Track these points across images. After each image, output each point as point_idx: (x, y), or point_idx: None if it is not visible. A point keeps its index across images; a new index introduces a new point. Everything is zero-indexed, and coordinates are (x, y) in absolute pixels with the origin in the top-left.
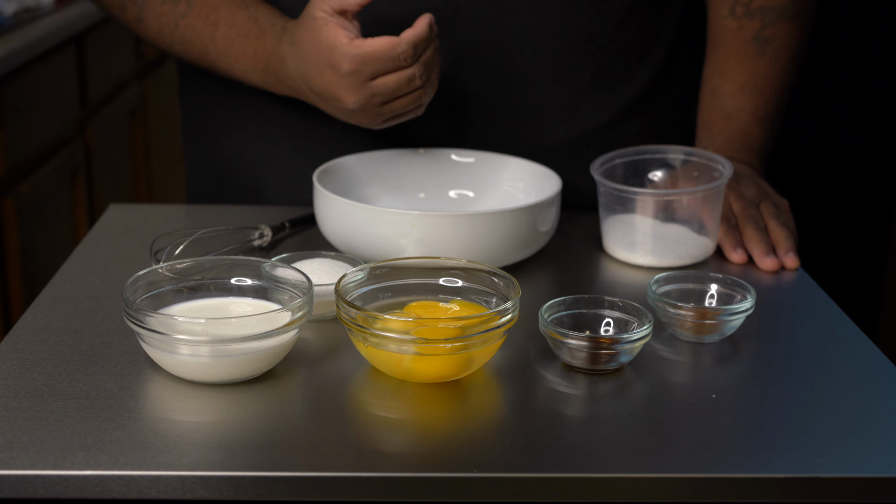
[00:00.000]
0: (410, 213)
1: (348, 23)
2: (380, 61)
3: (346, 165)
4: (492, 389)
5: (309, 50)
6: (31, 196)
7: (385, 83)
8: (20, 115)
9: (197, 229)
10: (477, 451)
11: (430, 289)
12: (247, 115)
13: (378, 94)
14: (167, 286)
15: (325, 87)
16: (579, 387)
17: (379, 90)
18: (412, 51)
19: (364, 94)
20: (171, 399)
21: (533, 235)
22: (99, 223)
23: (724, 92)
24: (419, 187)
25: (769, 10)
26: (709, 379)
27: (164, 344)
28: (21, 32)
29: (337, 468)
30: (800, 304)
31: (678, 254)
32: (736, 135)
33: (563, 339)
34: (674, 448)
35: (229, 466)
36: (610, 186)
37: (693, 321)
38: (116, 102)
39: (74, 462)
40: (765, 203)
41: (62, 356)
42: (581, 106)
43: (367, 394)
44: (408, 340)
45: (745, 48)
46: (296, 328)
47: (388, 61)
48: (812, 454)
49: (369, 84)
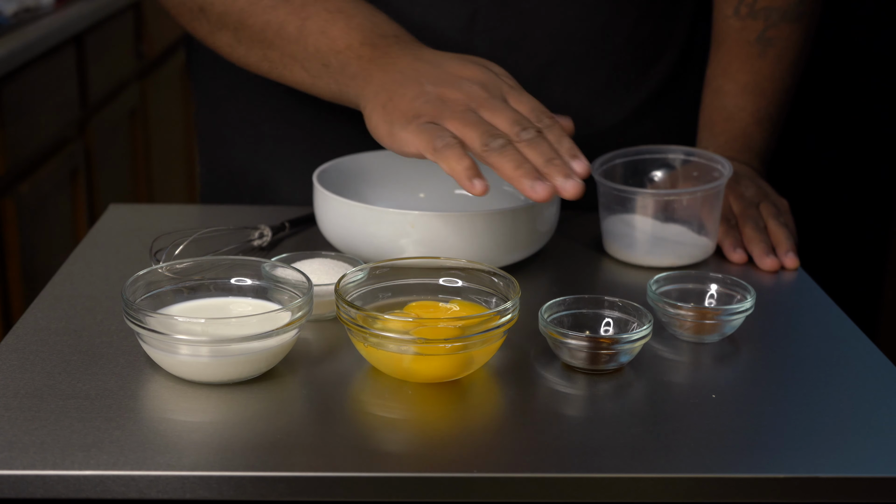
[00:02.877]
0: (410, 213)
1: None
2: (517, 91)
3: (346, 165)
4: (492, 389)
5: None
6: (31, 196)
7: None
8: (20, 115)
9: (197, 229)
10: (477, 451)
11: (429, 289)
12: (261, 116)
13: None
14: (167, 286)
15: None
16: (579, 387)
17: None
18: (535, 120)
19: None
20: (170, 399)
21: (533, 235)
22: (99, 223)
23: (727, 92)
24: (419, 187)
25: (773, 10)
26: (708, 379)
27: (163, 344)
28: (21, 32)
29: (337, 468)
30: (800, 304)
31: (678, 254)
32: (737, 135)
33: (563, 339)
34: (674, 448)
35: (229, 466)
36: (610, 186)
37: (693, 321)
38: (116, 102)
39: (74, 462)
40: (764, 203)
41: (62, 356)
42: (596, 106)
43: (366, 394)
44: (407, 340)
45: (748, 48)
46: (296, 328)
47: (522, 103)
48: (812, 454)
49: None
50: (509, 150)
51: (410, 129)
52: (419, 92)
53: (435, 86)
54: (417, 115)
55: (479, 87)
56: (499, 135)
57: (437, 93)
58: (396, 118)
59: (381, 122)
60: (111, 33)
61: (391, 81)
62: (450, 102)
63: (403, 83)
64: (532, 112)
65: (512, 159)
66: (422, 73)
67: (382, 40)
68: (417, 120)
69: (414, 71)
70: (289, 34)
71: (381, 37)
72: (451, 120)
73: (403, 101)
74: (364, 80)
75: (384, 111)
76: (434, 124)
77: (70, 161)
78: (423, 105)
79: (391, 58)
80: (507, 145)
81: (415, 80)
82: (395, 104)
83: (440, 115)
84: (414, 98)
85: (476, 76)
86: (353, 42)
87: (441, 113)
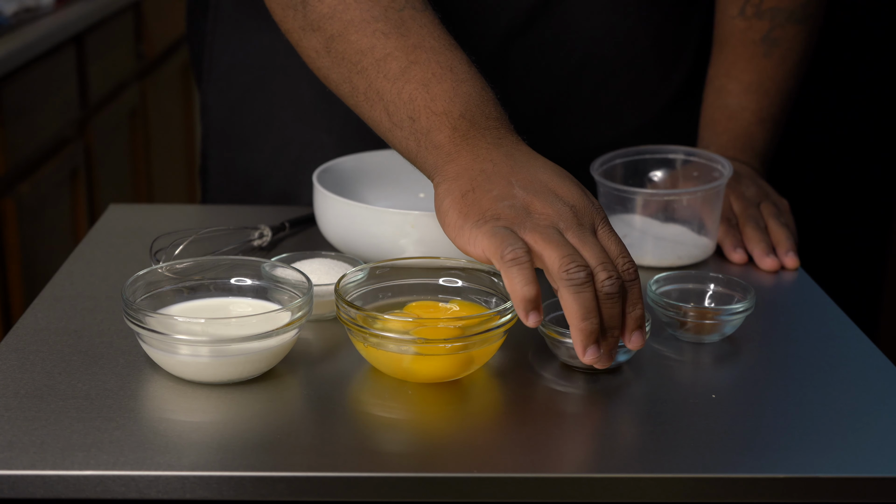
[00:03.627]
0: (410, 213)
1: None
2: (608, 229)
3: (346, 165)
4: (492, 389)
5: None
6: (31, 196)
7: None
8: (20, 115)
9: (197, 229)
10: (477, 451)
11: (429, 289)
12: (286, 118)
13: (570, 225)
14: (167, 286)
15: (546, 170)
16: (578, 386)
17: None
18: (621, 268)
19: (577, 201)
20: (170, 399)
21: None
22: (99, 223)
23: (730, 91)
24: (419, 187)
25: (779, 11)
26: (708, 379)
27: (163, 344)
28: (21, 32)
29: (337, 468)
30: (800, 304)
31: (678, 254)
32: (739, 134)
33: (562, 339)
34: (674, 448)
35: (229, 466)
36: (610, 186)
37: (693, 321)
38: (116, 102)
39: (74, 462)
40: (765, 203)
41: (62, 356)
42: (624, 108)
43: (366, 394)
44: (407, 340)
45: (752, 48)
46: (295, 328)
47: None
48: (812, 454)
49: (562, 215)
50: (587, 292)
51: (484, 229)
52: (506, 193)
53: (525, 192)
54: (496, 217)
55: (571, 209)
56: (584, 267)
57: (524, 200)
58: (473, 212)
59: (453, 210)
60: (111, 33)
61: (479, 171)
62: (535, 215)
63: (491, 178)
64: (620, 257)
65: (584, 305)
66: (514, 174)
67: (484, 121)
68: (495, 222)
69: (507, 168)
70: (388, 70)
71: (484, 117)
72: (532, 233)
73: (486, 198)
74: (448, 156)
75: (462, 201)
76: (510, 230)
77: (70, 161)
78: (505, 208)
79: (485, 144)
80: (587, 284)
81: (505, 179)
82: (476, 197)
83: (521, 224)
84: (498, 198)
85: (571, 197)
86: (452, 109)
87: (523, 222)
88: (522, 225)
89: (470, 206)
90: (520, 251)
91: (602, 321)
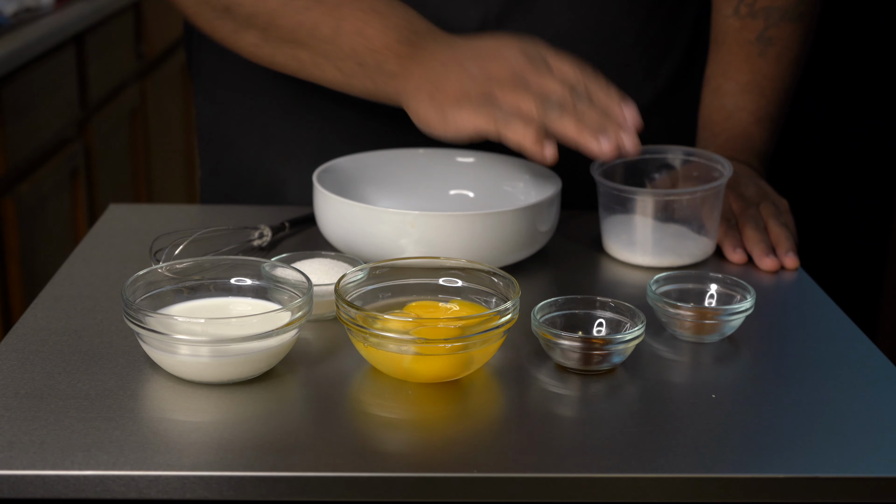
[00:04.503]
0: (410, 213)
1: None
2: (557, 55)
3: (346, 165)
4: (491, 389)
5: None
6: (31, 196)
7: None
8: (20, 115)
9: (197, 229)
10: (477, 451)
11: (429, 289)
12: (269, 116)
13: (527, 69)
14: (167, 286)
15: (484, 39)
16: (572, 387)
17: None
18: (581, 79)
19: (521, 47)
20: (170, 399)
21: (533, 235)
22: (99, 223)
23: (726, 91)
24: (419, 187)
25: (773, 10)
26: (708, 379)
27: (163, 344)
28: (21, 32)
29: (337, 468)
30: (800, 304)
31: (678, 254)
32: (737, 135)
33: (556, 340)
34: (674, 448)
35: (229, 466)
36: (610, 186)
37: (693, 321)
38: (116, 102)
39: (74, 462)
40: (764, 203)
41: (62, 356)
42: None
43: (366, 394)
44: (407, 340)
45: (748, 48)
46: (295, 328)
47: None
48: (812, 454)
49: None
50: (567, 113)
51: (465, 110)
52: (463, 73)
53: (477, 64)
54: (467, 95)
55: (521, 55)
56: (554, 100)
57: (481, 70)
58: (447, 103)
59: (430, 111)
60: (111, 33)
61: (432, 72)
62: (497, 76)
63: (445, 70)
64: (576, 71)
65: (572, 120)
66: (461, 57)
67: (418, 37)
68: (468, 99)
69: (453, 57)
70: (323, 35)
71: (416, 34)
72: (503, 93)
73: (450, 85)
74: (404, 77)
75: (432, 100)
76: (484, 99)
77: (70, 161)
78: (470, 84)
79: (428, 51)
80: (564, 108)
81: (456, 64)
82: (442, 91)
83: (490, 90)
84: (459, 80)
85: (514, 47)
86: (389, 41)
87: (491, 88)
88: (492, 90)
89: (441, 100)
90: (503, 110)
91: (596, 122)
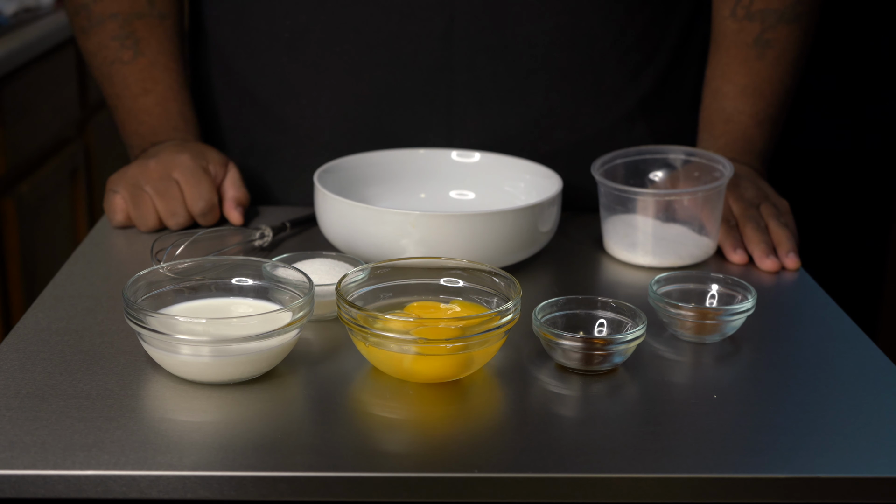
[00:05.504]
0: (411, 214)
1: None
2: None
3: (347, 165)
4: (492, 390)
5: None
6: (31, 196)
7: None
8: (20, 115)
9: (198, 229)
10: (477, 451)
11: (430, 289)
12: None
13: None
14: (168, 286)
15: (166, 150)
16: (573, 387)
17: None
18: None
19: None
20: (171, 399)
21: (534, 236)
22: (99, 223)
23: (725, 94)
24: (419, 187)
25: (770, 12)
26: (709, 379)
27: (164, 344)
28: (21, 32)
29: (337, 468)
30: (800, 304)
31: (679, 254)
32: (737, 137)
33: (557, 340)
34: (674, 448)
35: (230, 466)
36: (611, 186)
37: (694, 321)
38: None
39: (75, 462)
40: (765, 204)
41: (63, 356)
42: (581, 113)
43: (367, 394)
44: (408, 340)
45: (745, 51)
46: (297, 328)
47: (198, 191)
48: (812, 454)
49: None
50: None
51: (127, 191)
52: (142, 166)
53: (156, 164)
54: (135, 180)
55: (178, 165)
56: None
57: (152, 171)
58: (120, 177)
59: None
60: None
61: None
62: (154, 180)
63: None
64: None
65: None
66: (154, 159)
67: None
68: (133, 185)
69: (153, 156)
70: (130, 93)
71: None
72: (153, 194)
73: (130, 170)
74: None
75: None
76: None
77: (70, 161)
78: (138, 174)
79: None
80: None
81: (146, 161)
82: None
83: (141, 188)
84: (136, 167)
85: (177, 160)
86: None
87: (147, 184)
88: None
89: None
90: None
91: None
